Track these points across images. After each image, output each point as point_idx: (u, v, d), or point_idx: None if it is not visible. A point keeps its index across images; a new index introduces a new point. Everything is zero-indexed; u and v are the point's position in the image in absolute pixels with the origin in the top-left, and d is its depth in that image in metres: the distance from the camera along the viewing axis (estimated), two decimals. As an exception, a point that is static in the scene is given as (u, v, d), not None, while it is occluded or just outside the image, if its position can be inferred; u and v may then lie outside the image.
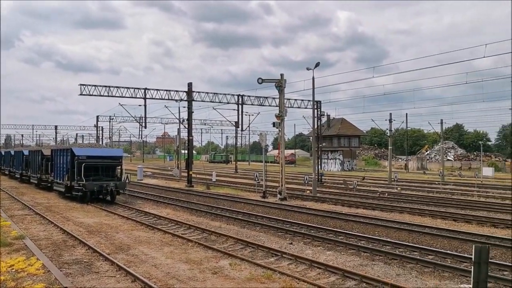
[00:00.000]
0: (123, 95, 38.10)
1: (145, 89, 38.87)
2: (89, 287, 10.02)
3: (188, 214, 22.57)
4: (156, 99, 39.58)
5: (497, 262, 12.33)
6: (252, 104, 43.12)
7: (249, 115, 68.90)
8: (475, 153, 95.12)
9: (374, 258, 13.27)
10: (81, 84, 36.56)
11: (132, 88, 38.47)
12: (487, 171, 61.83)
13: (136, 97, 38.82)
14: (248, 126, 73.28)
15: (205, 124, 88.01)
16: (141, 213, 22.57)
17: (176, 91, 40.07)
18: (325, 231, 17.46)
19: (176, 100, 41.15)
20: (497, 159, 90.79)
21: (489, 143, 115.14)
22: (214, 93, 41.40)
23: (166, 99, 40.20)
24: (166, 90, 39.74)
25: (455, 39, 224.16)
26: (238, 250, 14.09)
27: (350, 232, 17.00)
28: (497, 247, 14.28)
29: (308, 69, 33.84)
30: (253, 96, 42.83)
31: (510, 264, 12.24)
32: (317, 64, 33.32)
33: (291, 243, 15.20)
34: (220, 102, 42.17)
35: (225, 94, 41.97)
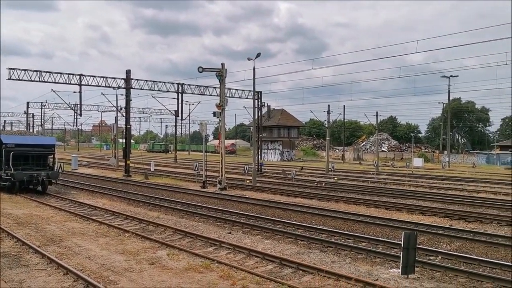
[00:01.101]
0: (57, 81, 36.38)
1: (81, 75, 37.35)
2: (18, 281, 9.54)
3: (125, 205, 22.04)
4: (92, 86, 38.18)
5: (425, 247, 13.02)
6: (192, 93, 42.69)
7: (190, 104, 68.31)
8: (407, 144, 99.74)
9: (311, 246, 13.59)
10: (9, 68, 34.50)
11: (66, 73, 36.84)
12: (418, 162, 65.09)
13: (70, 83, 37.22)
14: (188, 115, 72.43)
15: (143, 112, 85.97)
16: (75, 204, 21.76)
17: (114, 78, 38.85)
18: (264, 220, 17.66)
19: (114, 88, 39.91)
20: (426, 150, 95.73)
21: (420, 135, 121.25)
22: (153, 81, 40.55)
23: (103, 86, 38.86)
24: (103, 77, 38.41)
25: (390, 34, 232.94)
26: (177, 240, 13.94)
27: (288, 221, 17.30)
28: (425, 234, 15.06)
29: (249, 59, 33.92)
30: (193, 85, 42.39)
31: (436, 249, 12.97)
32: (258, 55, 33.46)
33: (230, 233, 15.24)
34: (159, 91, 41.37)
35: (164, 83, 41.25)
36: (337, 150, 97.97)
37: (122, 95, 43.29)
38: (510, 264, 11.40)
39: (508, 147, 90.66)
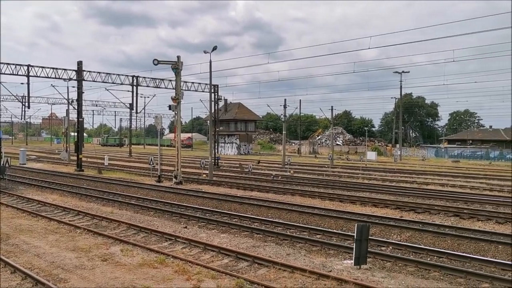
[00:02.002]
0: (3, 72, 34.76)
1: (29, 65, 35.82)
2: (-41, 282, 9.08)
3: (77, 200, 21.42)
4: (42, 77, 36.67)
5: (377, 238, 13.39)
6: (147, 86, 41.87)
7: (145, 97, 67.10)
8: (361, 138, 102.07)
9: (267, 239, 13.69)
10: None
11: (13, 64, 35.24)
12: (371, 155, 66.71)
13: (18, 74, 35.61)
14: (144, 109, 71.16)
15: (97, 105, 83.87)
16: (22, 200, 20.93)
17: (65, 69, 37.51)
18: (220, 214, 17.63)
19: (65, 79, 38.52)
20: (379, 144, 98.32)
21: (374, 129, 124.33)
22: (107, 73, 39.47)
23: (53, 78, 37.41)
24: (53, 68, 37.03)
25: (346, 30, 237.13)
26: (131, 236, 13.69)
27: (244, 215, 17.35)
28: (377, 225, 15.48)
29: (205, 52, 33.59)
30: (148, 78, 41.57)
31: (387, 240, 13.36)
32: (215, 48, 33.20)
33: (186, 227, 15.12)
34: (113, 83, 40.31)
35: (118, 75, 40.21)
36: (293, 144, 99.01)
37: (74, 87, 42.00)
38: (456, 253, 11.91)
39: (455, 141, 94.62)
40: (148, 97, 69.63)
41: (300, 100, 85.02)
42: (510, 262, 11.03)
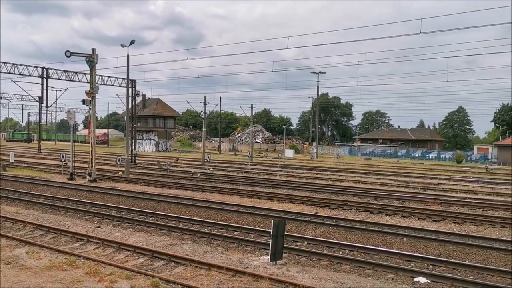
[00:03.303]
0: None
1: None
2: None
3: (-23, 200, 19.78)
4: None
5: (293, 234, 13.73)
6: (59, 79, 39.72)
7: (56, 90, 63.68)
8: (279, 136, 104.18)
9: (184, 237, 13.53)
10: None
11: None
12: (289, 153, 68.39)
13: None
14: (55, 102, 67.49)
15: (1, 98, 77.93)
16: None
17: (-35, 57, 34.50)
18: (136, 213, 17.16)
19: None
20: (297, 142, 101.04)
21: (292, 127, 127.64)
22: (13, 64, 36.92)
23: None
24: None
25: (266, 29, 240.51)
26: (38, 237, 12.90)
27: (162, 213, 17.04)
28: (293, 221, 15.88)
29: (123, 46, 32.55)
30: (60, 70, 39.41)
31: (302, 236, 13.75)
32: (132, 42, 32.28)
33: (99, 226, 14.53)
34: (20, 74, 37.85)
35: (26, 66, 37.76)
36: (213, 141, 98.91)
37: (-25, 77, 38.73)
38: (365, 246, 12.54)
39: (367, 140, 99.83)
40: (60, 90, 65.90)
41: (220, 97, 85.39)
42: (413, 253, 11.83)
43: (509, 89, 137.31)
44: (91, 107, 28.43)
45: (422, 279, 9.79)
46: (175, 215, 16.55)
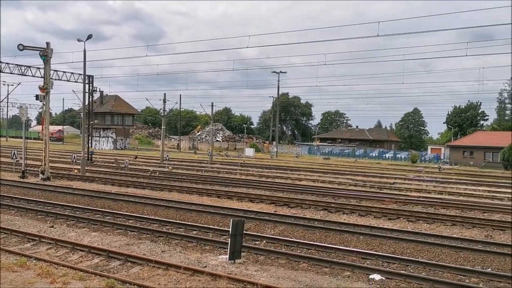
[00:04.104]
0: None
1: None
2: None
3: None
4: None
5: (252, 233, 13.75)
6: (11, 73, 37.86)
7: (8, 85, 61.26)
8: (240, 135, 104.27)
9: (141, 236, 13.30)
10: None
11: None
12: (249, 152, 68.59)
13: None
14: (7, 97, 65.04)
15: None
16: None
17: None
18: (92, 212, 16.74)
19: None
20: (257, 141, 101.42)
21: (252, 126, 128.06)
22: (-38, 56, 35.11)
23: None
24: None
25: (228, 27, 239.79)
26: (-14, 238, 12.35)
27: (119, 212, 16.70)
28: (253, 220, 15.90)
29: (79, 40, 31.67)
30: (12, 64, 37.75)
31: (261, 234, 13.79)
32: (90, 36, 31.48)
33: (52, 226, 14.08)
34: (-31, 67, 35.97)
35: (-24, 58, 35.97)
36: (173, 139, 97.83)
37: None
38: (323, 244, 12.71)
39: (326, 139, 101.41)
40: (12, 85, 63.60)
41: (180, 95, 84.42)
42: (368, 251, 12.09)
43: (461, 92, 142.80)
44: (45, 102, 27.52)
45: (377, 276, 10.01)
46: (133, 214, 16.24)
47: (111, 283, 8.67)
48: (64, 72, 41.02)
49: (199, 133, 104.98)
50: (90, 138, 45.38)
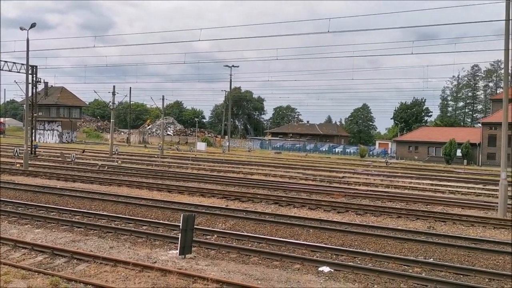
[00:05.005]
0: None
1: None
2: None
3: None
4: None
5: (203, 227, 13.67)
6: None
7: None
8: (192, 129, 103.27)
9: (88, 233, 12.92)
10: None
11: None
12: (201, 146, 68.08)
13: None
14: None
15: None
16: None
17: None
18: (35, 208, 16.10)
19: None
20: (209, 135, 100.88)
21: (204, 120, 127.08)
22: None
23: None
24: None
25: (180, 20, 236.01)
26: None
27: (64, 208, 16.16)
28: (204, 214, 15.82)
29: (22, 29, 30.21)
30: (-51, 52, 35.72)
31: (212, 229, 13.74)
32: (33, 25, 30.10)
33: (-8, 223, 13.42)
34: None
35: None
36: (122, 133, 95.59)
37: None
38: (273, 238, 12.83)
39: (278, 134, 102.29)
40: (-51, 74, 59.92)
41: (130, 87, 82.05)
42: (318, 244, 12.32)
43: (407, 89, 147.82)
44: (-15, 93, 26.10)
45: (326, 268, 10.21)
46: (79, 210, 15.77)
47: (56, 281, 8.38)
48: (5, 61, 39.19)
49: (150, 126, 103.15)
50: (33, 131, 43.54)
